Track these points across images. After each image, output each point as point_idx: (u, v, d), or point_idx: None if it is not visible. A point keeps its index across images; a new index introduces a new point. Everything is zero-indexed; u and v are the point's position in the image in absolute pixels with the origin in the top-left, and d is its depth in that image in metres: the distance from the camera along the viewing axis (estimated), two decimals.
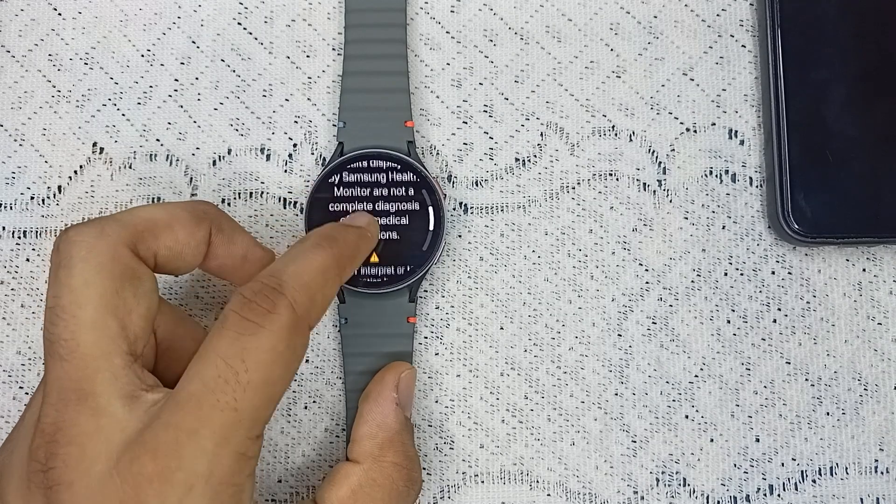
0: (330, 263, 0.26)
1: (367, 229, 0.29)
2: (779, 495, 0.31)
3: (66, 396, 0.24)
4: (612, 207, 0.33)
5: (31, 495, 0.23)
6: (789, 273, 0.33)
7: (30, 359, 0.32)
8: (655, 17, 0.34)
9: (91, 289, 0.24)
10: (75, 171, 0.33)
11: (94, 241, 0.25)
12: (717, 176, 0.33)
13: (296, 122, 0.33)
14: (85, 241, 0.25)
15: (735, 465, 0.32)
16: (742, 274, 0.33)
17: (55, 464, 0.23)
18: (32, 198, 0.33)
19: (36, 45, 0.34)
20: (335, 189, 0.31)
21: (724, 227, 0.33)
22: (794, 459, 0.32)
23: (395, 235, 0.31)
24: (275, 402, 0.24)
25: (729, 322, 0.32)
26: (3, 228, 0.33)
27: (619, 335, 0.32)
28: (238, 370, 0.23)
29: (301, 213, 0.33)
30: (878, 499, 0.31)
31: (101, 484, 0.23)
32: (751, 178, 0.33)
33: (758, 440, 0.32)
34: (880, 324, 0.32)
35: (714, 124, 0.33)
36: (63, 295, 0.24)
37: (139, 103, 0.34)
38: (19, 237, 0.33)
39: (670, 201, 0.33)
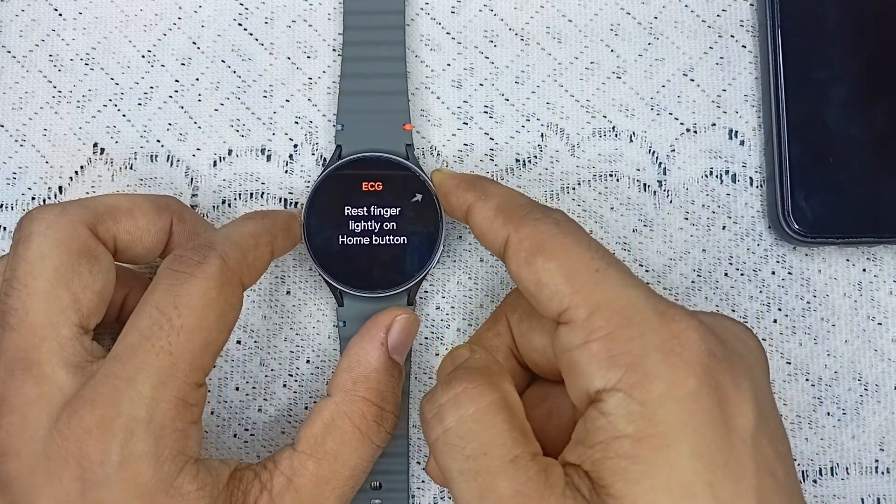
0: (261, 230, 0.27)
1: (296, 215, 0.30)
2: None
3: (12, 366, 0.24)
4: (612, 208, 0.33)
5: None
6: (789, 273, 0.33)
7: None
8: (656, 17, 0.34)
9: (47, 261, 0.25)
10: (76, 172, 0.33)
11: (55, 219, 0.26)
12: (717, 176, 0.33)
13: (296, 122, 0.33)
14: (46, 218, 0.26)
15: None
16: (742, 274, 0.33)
17: (0, 434, 0.23)
18: (33, 198, 0.33)
19: (37, 45, 0.34)
20: (334, 191, 0.31)
21: (724, 228, 0.33)
22: (794, 459, 0.32)
23: (392, 240, 0.31)
24: (212, 351, 0.24)
25: None
26: (4, 229, 0.33)
27: None
28: (171, 315, 0.24)
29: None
30: (878, 499, 0.31)
31: (45, 446, 0.23)
32: (751, 179, 0.33)
33: None
34: (880, 324, 0.32)
35: (714, 125, 0.33)
36: (19, 267, 0.25)
37: (140, 104, 0.34)
38: None
39: (670, 202, 0.33)
